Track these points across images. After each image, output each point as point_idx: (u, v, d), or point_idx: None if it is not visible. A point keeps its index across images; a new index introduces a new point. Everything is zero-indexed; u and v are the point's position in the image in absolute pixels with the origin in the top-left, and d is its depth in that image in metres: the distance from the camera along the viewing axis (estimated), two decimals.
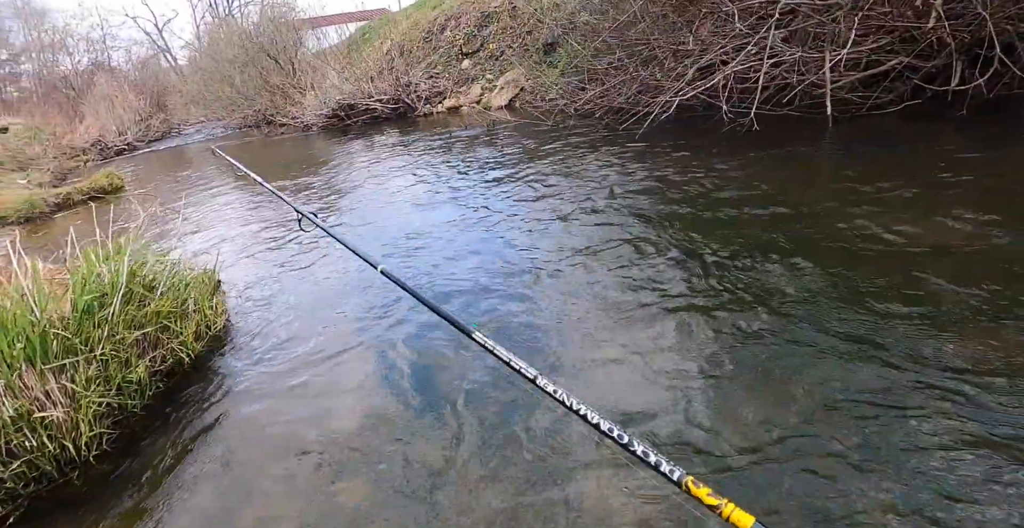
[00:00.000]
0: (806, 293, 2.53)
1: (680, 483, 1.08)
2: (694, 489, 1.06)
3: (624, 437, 1.18)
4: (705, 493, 1.05)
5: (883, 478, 1.57)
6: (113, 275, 2.64)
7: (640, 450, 1.15)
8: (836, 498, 1.54)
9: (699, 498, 1.05)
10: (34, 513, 2.04)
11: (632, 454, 1.16)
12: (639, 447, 1.15)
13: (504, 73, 11.14)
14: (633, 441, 1.17)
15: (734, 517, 1.01)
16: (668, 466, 1.10)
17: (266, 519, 1.83)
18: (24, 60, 28.99)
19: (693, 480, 1.07)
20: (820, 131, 5.21)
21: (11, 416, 2.01)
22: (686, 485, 1.07)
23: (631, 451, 1.16)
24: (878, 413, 1.79)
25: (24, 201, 7.73)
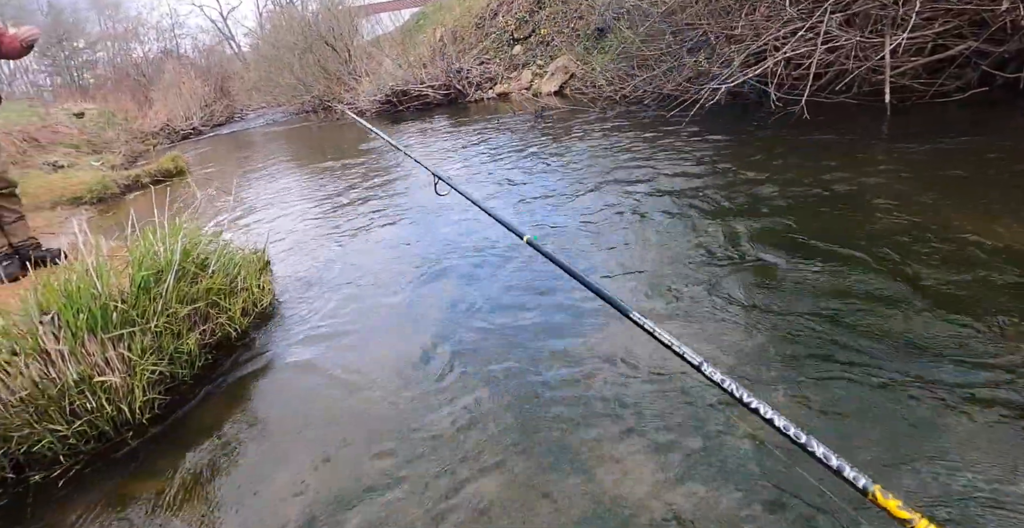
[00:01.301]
0: (847, 290, 2.49)
1: (866, 492, 0.98)
2: (882, 499, 0.96)
3: (801, 436, 1.08)
4: (895, 505, 0.95)
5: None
6: (168, 254, 2.83)
7: (821, 452, 1.04)
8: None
9: (888, 509, 0.96)
10: (93, 468, 2.24)
11: (811, 455, 1.05)
12: (819, 449, 1.05)
13: (554, 59, 11.09)
14: (812, 442, 1.06)
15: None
16: (852, 472, 1.00)
17: (296, 483, 1.96)
18: (99, 48, 30.51)
19: (881, 489, 0.97)
20: (877, 119, 5.01)
21: (75, 379, 2.21)
22: (873, 494, 0.97)
23: (809, 452, 1.06)
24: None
25: (97, 182, 8.20)
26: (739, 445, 1.76)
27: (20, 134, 10.96)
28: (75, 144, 12.22)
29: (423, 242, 4.05)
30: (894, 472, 1.57)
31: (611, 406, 2.04)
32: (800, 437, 1.07)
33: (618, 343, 2.39)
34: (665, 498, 1.63)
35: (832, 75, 5.66)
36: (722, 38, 6.62)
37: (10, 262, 3.65)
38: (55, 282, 2.43)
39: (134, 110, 19.00)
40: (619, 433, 1.91)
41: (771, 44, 5.80)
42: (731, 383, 1.20)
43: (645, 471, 1.73)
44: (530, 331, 2.62)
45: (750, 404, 1.16)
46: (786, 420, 1.11)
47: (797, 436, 1.08)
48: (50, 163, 10.28)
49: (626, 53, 8.64)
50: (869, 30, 5.41)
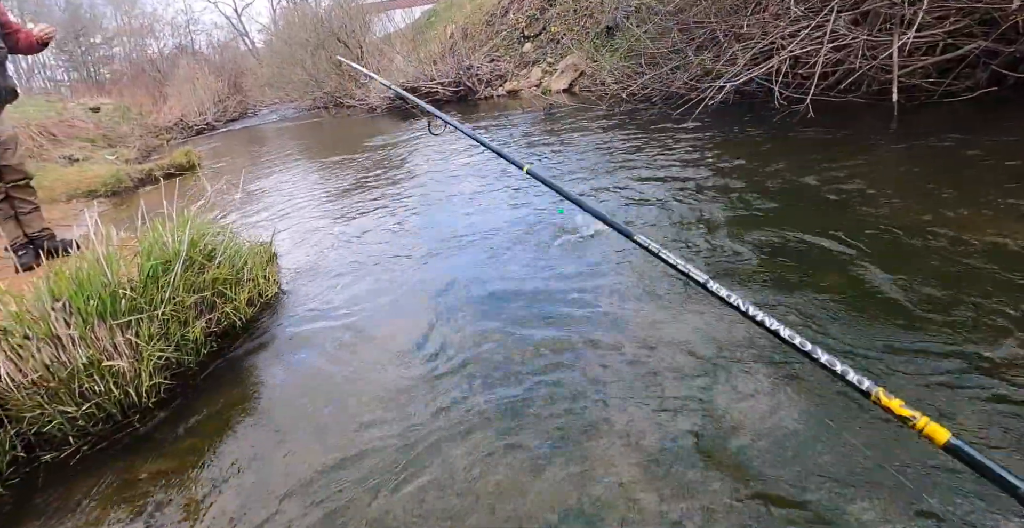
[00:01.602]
0: (843, 293, 2.53)
1: (869, 393, 1.04)
2: (885, 399, 1.02)
3: (807, 345, 1.13)
4: (897, 404, 1.01)
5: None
6: (176, 244, 2.91)
7: (825, 359, 1.10)
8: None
9: (890, 409, 1.02)
10: (101, 449, 2.33)
11: (816, 362, 1.11)
12: (823, 356, 1.10)
13: (564, 57, 11.12)
14: (816, 349, 1.12)
15: (928, 430, 0.97)
16: (856, 376, 1.06)
17: (296, 466, 2.03)
18: (116, 44, 30.84)
19: (884, 391, 1.03)
20: (884, 119, 5.01)
21: (84, 363, 2.29)
22: (876, 396, 1.03)
23: (814, 359, 1.11)
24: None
25: (111, 176, 8.34)
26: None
27: (38, 128, 11.15)
28: (91, 138, 12.41)
29: (429, 234, 4.11)
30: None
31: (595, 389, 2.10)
32: (806, 346, 1.13)
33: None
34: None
35: (840, 74, 5.66)
36: (730, 36, 6.63)
37: (25, 252, 3.76)
38: (67, 270, 2.51)
39: (149, 105, 19.22)
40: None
41: (778, 43, 5.82)
42: (736, 298, 1.25)
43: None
44: (529, 320, 2.68)
45: (755, 317, 1.21)
46: (792, 330, 1.16)
47: (803, 345, 1.13)
48: (66, 157, 10.46)
49: (634, 51, 8.66)
50: (877, 29, 5.41)
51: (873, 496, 1.50)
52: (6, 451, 2.21)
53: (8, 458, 2.21)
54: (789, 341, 1.15)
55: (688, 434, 1.83)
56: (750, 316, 1.21)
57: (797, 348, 1.14)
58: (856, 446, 1.64)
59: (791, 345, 1.15)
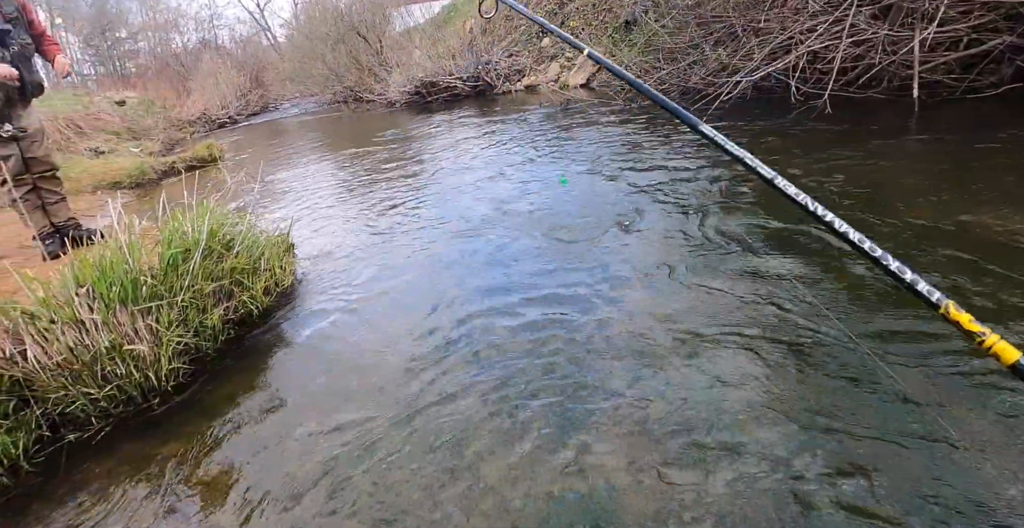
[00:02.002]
0: (856, 284, 2.54)
1: (939, 305, 0.99)
2: (955, 313, 0.97)
3: (877, 250, 1.07)
4: (967, 319, 0.96)
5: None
6: (195, 234, 2.99)
7: (895, 266, 1.04)
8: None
9: (959, 323, 0.96)
10: (122, 430, 2.42)
11: (885, 269, 1.05)
12: (893, 263, 1.05)
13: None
14: (887, 256, 1.06)
15: (997, 348, 0.91)
16: (926, 286, 1.01)
17: (306, 447, 2.10)
18: (141, 38, 31.33)
19: (954, 305, 0.98)
20: (904, 115, 4.96)
21: (106, 347, 2.38)
22: (946, 308, 0.98)
23: (883, 266, 1.06)
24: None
25: (136, 168, 8.52)
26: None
27: (65, 121, 11.40)
28: (116, 131, 12.66)
29: (442, 225, 4.17)
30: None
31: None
32: (876, 251, 1.07)
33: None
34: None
35: (859, 70, 5.60)
36: (748, 31, 6.59)
37: (52, 240, 3.88)
38: (91, 258, 2.60)
39: (172, 99, 19.53)
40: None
41: (796, 37, 5.77)
42: (805, 197, 1.22)
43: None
44: (542, 310, 2.72)
45: (824, 217, 1.15)
46: (861, 234, 1.11)
47: (872, 250, 1.08)
48: (92, 149, 10.69)
49: (652, 46, 8.63)
50: (899, 24, 5.35)
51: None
52: (32, 430, 2.30)
53: (34, 437, 2.30)
54: (858, 244, 1.10)
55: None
56: (819, 216, 1.18)
57: (867, 252, 1.08)
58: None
59: (860, 249, 1.10)
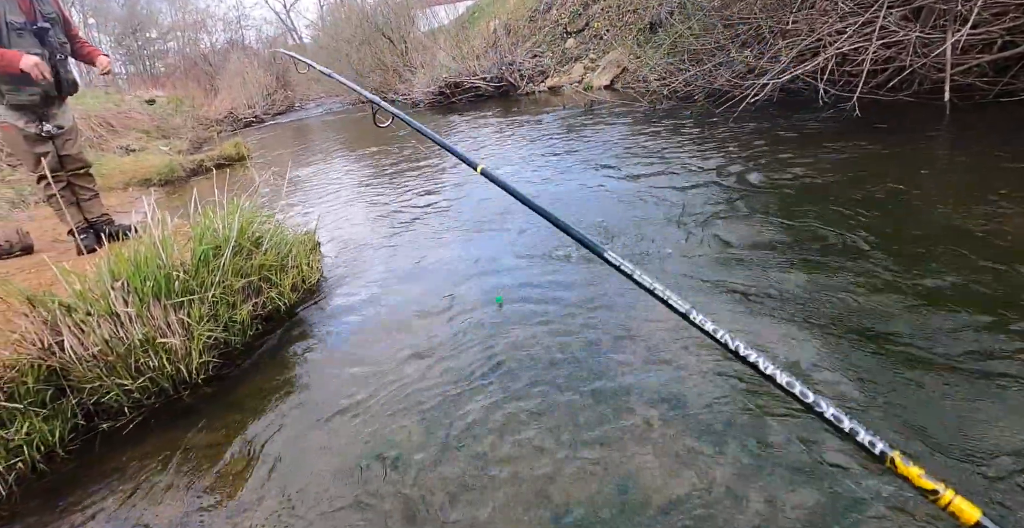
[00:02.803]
0: (886, 290, 2.51)
1: (884, 458, 0.87)
2: (902, 467, 0.85)
3: (809, 396, 0.95)
4: (917, 474, 0.84)
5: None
6: (226, 231, 3.05)
7: (831, 413, 0.92)
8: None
9: (909, 479, 0.85)
10: (154, 420, 2.48)
11: (820, 416, 0.93)
12: (829, 409, 0.93)
13: (607, 53, 11.07)
14: (821, 401, 0.94)
15: (954, 507, 0.81)
16: (867, 436, 0.89)
17: (329, 446, 2.14)
18: (170, 38, 31.91)
19: (901, 455, 0.86)
20: (935, 119, 4.87)
21: (140, 339, 2.44)
22: (891, 461, 0.86)
23: (818, 413, 0.94)
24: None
25: (165, 166, 8.69)
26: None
27: (97, 119, 11.65)
28: (146, 130, 12.91)
29: (467, 222, 4.21)
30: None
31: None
32: (807, 396, 0.95)
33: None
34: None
35: (890, 72, 5.52)
36: (776, 32, 6.52)
37: (86, 235, 3.98)
38: (126, 253, 2.67)
39: (201, 98, 19.84)
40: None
41: (825, 39, 5.71)
42: (724, 334, 1.06)
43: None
44: (563, 306, 2.74)
45: (748, 358, 1.02)
46: (790, 376, 0.98)
47: (804, 395, 0.95)
48: (123, 147, 10.92)
49: (678, 48, 8.59)
50: (930, 25, 5.26)
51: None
52: (68, 419, 2.37)
53: (70, 425, 2.37)
54: (788, 389, 0.97)
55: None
56: (741, 356, 1.03)
57: (797, 398, 0.96)
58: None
59: (790, 393, 0.97)
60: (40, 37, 3.49)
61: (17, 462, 2.16)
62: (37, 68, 3.34)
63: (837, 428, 0.92)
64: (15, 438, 2.17)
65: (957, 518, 0.81)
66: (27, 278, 3.32)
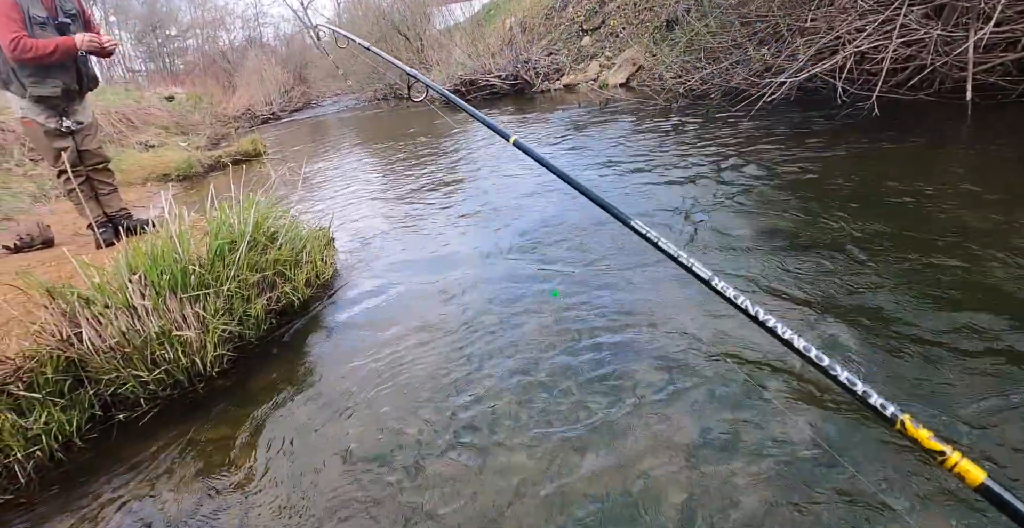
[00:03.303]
0: (904, 298, 2.49)
1: (894, 421, 0.92)
2: (911, 429, 0.90)
3: (824, 359, 0.99)
4: (926, 436, 0.89)
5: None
6: (241, 225, 3.09)
7: (844, 377, 0.96)
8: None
9: (918, 440, 0.89)
10: (168, 412, 2.52)
11: (834, 380, 0.97)
12: (842, 373, 0.97)
13: (623, 51, 11.03)
14: (835, 365, 0.98)
15: (960, 468, 0.85)
16: (879, 399, 0.93)
17: (341, 440, 2.15)
18: (189, 36, 32.23)
19: (911, 418, 0.90)
20: (956, 119, 4.80)
21: (156, 332, 2.47)
22: (901, 423, 0.91)
23: (832, 376, 0.98)
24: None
25: (184, 161, 8.79)
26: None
27: (118, 115, 11.80)
28: (165, 126, 13.05)
29: (480, 221, 4.21)
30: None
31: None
32: (822, 360, 0.99)
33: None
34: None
35: (910, 71, 5.45)
36: (794, 30, 6.47)
37: (105, 229, 4.03)
38: (143, 247, 2.70)
39: (219, 95, 20.04)
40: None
41: (844, 37, 5.64)
42: (745, 300, 1.09)
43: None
44: (582, 299, 2.74)
45: (767, 322, 1.05)
46: (806, 342, 1.02)
47: (819, 359, 1.00)
48: (142, 143, 11.05)
49: (694, 46, 8.54)
50: (952, 24, 5.19)
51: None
52: (86, 409, 2.41)
53: (87, 415, 2.41)
54: (804, 353, 1.01)
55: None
56: (760, 321, 1.06)
57: (813, 362, 1.00)
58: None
59: (805, 357, 1.01)
60: (61, 31, 3.55)
61: (36, 450, 2.20)
62: (93, 41, 3.53)
63: (850, 391, 0.95)
64: (34, 427, 2.21)
65: (963, 479, 0.84)
66: (47, 271, 3.38)
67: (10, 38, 3.31)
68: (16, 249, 4.24)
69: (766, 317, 1.06)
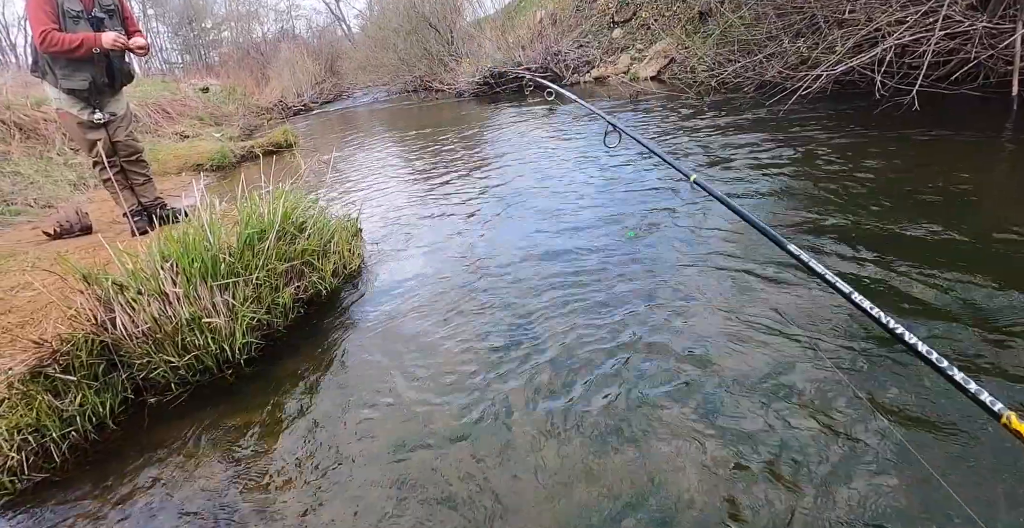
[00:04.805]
0: (944, 300, 2.42)
1: (999, 416, 0.97)
2: (1016, 424, 0.94)
3: (943, 362, 1.11)
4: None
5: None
6: (271, 215, 3.12)
7: (960, 377, 1.07)
8: None
9: (1022, 434, 0.94)
10: (197, 396, 2.57)
11: (950, 380, 1.09)
12: (958, 374, 1.08)
13: (654, 43, 10.88)
14: (953, 368, 1.10)
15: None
16: (988, 396, 1.01)
17: (366, 429, 2.18)
18: (224, 28, 32.70)
19: (1017, 415, 0.95)
20: (1000, 114, 4.66)
21: (187, 318, 2.53)
22: (1008, 418, 0.95)
23: (948, 377, 1.10)
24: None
25: (217, 152, 8.93)
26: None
27: (154, 106, 12.05)
28: (200, 117, 13.29)
29: (508, 215, 4.19)
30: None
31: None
32: (942, 362, 1.11)
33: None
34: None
35: (953, 65, 5.27)
36: (832, 22, 6.30)
37: (140, 218, 4.14)
38: (175, 235, 2.76)
39: (252, 86, 20.27)
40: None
41: (884, 29, 5.48)
42: (879, 311, 1.27)
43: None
44: (608, 298, 2.72)
45: (895, 330, 1.21)
46: (928, 346, 1.15)
47: (939, 361, 1.12)
48: (178, 133, 11.28)
49: (728, 38, 8.38)
50: (999, 15, 5.00)
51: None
52: (119, 392, 2.48)
53: (120, 398, 2.48)
54: (926, 356, 1.15)
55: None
56: (891, 329, 1.22)
57: (933, 364, 1.13)
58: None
59: (927, 361, 1.14)
60: (95, 26, 3.62)
61: (71, 431, 2.27)
62: (117, 41, 3.61)
63: (964, 389, 1.06)
64: (69, 408, 2.28)
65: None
66: (84, 257, 3.47)
67: (40, 30, 3.40)
68: (56, 235, 4.38)
69: (896, 326, 1.22)
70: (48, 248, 4.06)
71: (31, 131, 7.83)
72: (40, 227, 4.82)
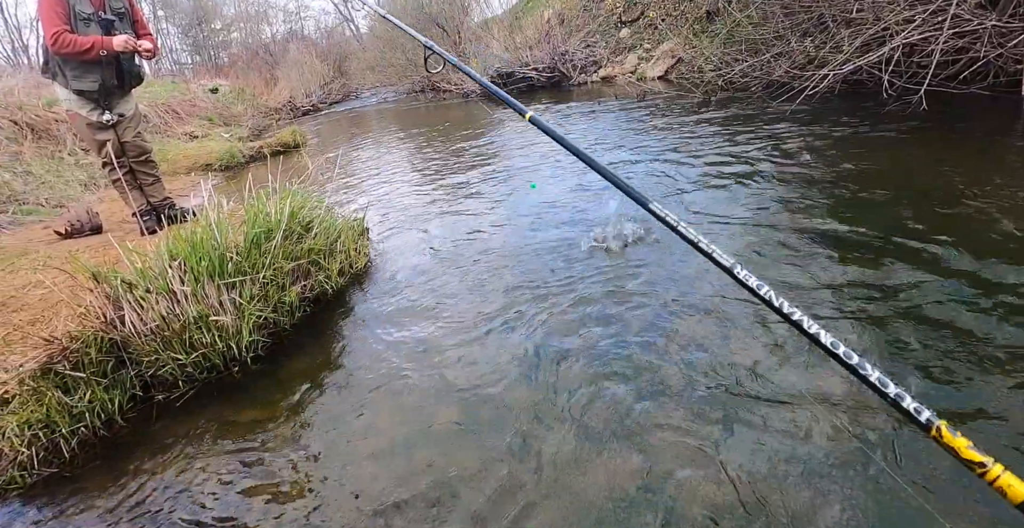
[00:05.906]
0: (946, 305, 2.42)
1: (929, 427, 0.83)
2: (948, 437, 0.81)
3: (853, 357, 0.91)
4: (963, 445, 0.80)
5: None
6: (278, 215, 3.15)
7: (875, 377, 0.89)
8: None
9: (954, 450, 0.81)
10: (204, 394, 2.60)
11: (863, 380, 0.90)
12: (874, 373, 0.89)
13: (661, 43, 10.87)
14: (865, 364, 0.90)
15: (1002, 483, 0.76)
16: (912, 403, 0.85)
17: (371, 426, 2.20)
18: (233, 29, 32.87)
19: (947, 425, 0.82)
20: (1009, 115, 4.63)
21: (194, 316, 2.56)
22: (937, 430, 0.82)
23: (861, 376, 0.90)
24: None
25: (226, 152, 9.00)
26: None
27: (164, 107, 12.14)
28: (209, 117, 13.38)
29: (513, 215, 4.21)
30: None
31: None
32: (851, 358, 0.91)
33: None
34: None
35: (961, 64, 5.24)
36: (839, 21, 6.28)
37: (148, 217, 4.18)
38: (184, 234, 2.79)
39: (261, 87, 20.37)
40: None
41: (892, 28, 5.46)
42: (768, 290, 1.02)
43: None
44: (615, 300, 2.73)
45: (791, 315, 0.99)
46: (833, 337, 0.94)
47: (848, 356, 0.91)
48: (187, 133, 11.36)
49: (735, 38, 8.36)
50: (1008, 14, 4.97)
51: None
52: (127, 389, 2.51)
53: (128, 395, 2.51)
54: (832, 350, 0.93)
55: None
56: (785, 314, 0.99)
57: (841, 360, 0.92)
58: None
59: (833, 355, 0.93)
60: (105, 28, 3.67)
61: (80, 427, 2.31)
62: (128, 43, 3.65)
63: (881, 393, 0.88)
64: (79, 405, 2.31)
65: (1004, 494, 0.76)
66: (94, 256, 3.52)
67: (52, 32, 3.45)
68: (67, 235, 4.43)
69: (791, 310, 1.00)
70: (59, 247, 4.11)
71: (43, 132, 7.91)
72: (51, 226, 4.88)
